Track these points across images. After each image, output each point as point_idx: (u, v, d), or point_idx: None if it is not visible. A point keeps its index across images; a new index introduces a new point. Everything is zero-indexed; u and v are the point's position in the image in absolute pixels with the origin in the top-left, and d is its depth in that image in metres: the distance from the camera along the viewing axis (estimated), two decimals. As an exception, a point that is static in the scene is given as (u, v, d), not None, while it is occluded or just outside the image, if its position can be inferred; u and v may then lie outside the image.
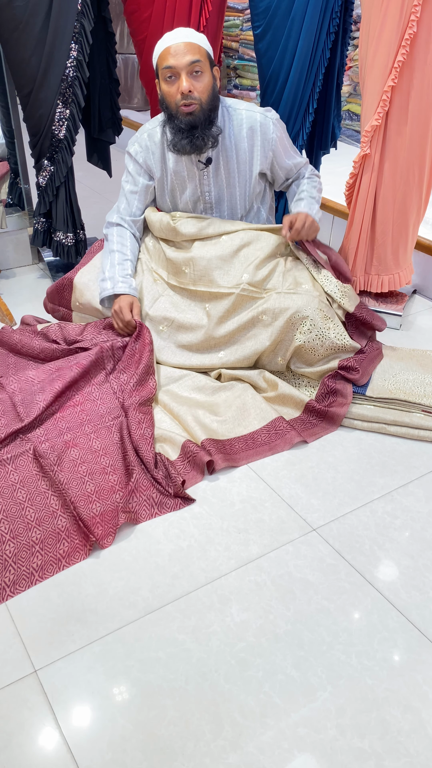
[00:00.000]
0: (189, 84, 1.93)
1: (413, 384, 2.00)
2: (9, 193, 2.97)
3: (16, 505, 1.59)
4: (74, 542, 1.55)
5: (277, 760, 1.16)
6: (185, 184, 2.16)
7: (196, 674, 1.29)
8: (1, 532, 1.53)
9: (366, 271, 2.51)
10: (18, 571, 1.48)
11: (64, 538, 1.55)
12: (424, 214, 2.46)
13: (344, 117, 4.16)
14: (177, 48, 1.92)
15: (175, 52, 1.92)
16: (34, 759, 1.16)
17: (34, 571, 1.49)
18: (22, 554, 1.50)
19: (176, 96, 1.95)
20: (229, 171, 2.13)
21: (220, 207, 2.20)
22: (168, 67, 1.93)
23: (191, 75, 1.93)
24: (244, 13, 4.40)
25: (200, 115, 1.97)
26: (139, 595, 1.45)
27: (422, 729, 1.21)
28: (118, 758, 1.16)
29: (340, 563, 1.54)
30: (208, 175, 2.13)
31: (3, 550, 1.50)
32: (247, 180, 2.16)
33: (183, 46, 1.92)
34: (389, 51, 2.09)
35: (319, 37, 2.29)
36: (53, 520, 1.58)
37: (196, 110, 1.96)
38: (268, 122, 2.10)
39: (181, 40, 1.93)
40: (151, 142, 2.13)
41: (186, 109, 1.96)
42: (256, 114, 2.10)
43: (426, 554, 1.57)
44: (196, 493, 1.72)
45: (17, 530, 1.54)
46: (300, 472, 1.81)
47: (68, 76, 2.34)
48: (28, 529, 1.55)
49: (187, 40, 1.93)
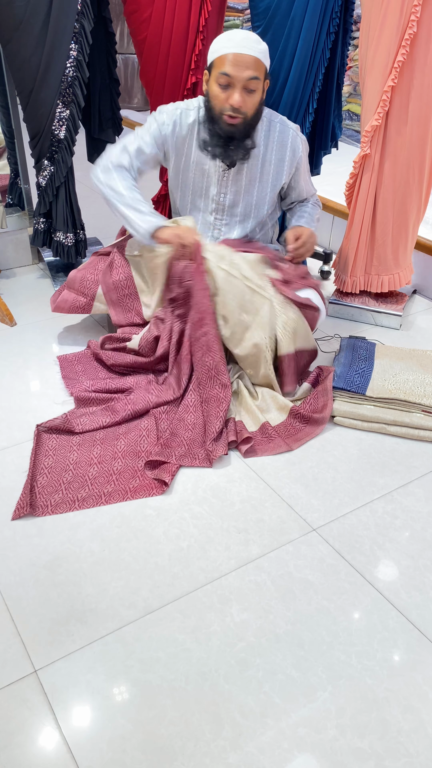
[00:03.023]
0: (241, 100, 1.91)
1: (413, 384, 2.00)
2: (9, 193, 2.97)
3: (115, 438, 1.84)
4: (144, 482, 1.73)
5: (277, 760, 1.16)
6: (203, 178, 2.15)
7: (196, 674, 1.29)
8: (93, 455, 1.78)
9: (366, 271, 2.51)
10: (91, 491, 1.69)
11: (138, 476, 1.74)
12: (424, 214, 2.46)
13: (344, 117, 4.16)
14: (241, 59, 1.88)
15: (238, 62, 1.88)
16: (34, 759, 1.16)
17: (104, 494, 1.69)
18: (100, 479, 1.73)
19: (224, 104, 1.94)
20: (250, 178, 2.14)
21: (232, 211, 2.19)
22: (225, 74, 1.89)
23: (245, 90, 1.91)
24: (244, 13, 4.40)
25: (241, 128, 1.97)
26: (139, 595, 1.45)
27: (422, 729, 1.21)
28: (118, 758, 1.16)
29: (340, 563, 1.54)
30: (228, 177, 2.13)
31: (87, 471, 1.74)
32: (266, 190, 2.17)
33: (248, 59, 1.88)
34: (389, 51, 2.09)
35: (319, 37, 2.28)
36: (136, 459, 1.79)
37: (238, 124, 1.96)
38: (299, 140, 2.14)
39: (247, 51, 1.88)
40: (182, 121, 2.09)
41: (230, 120, 1.95)
42: (290, 129, 2.12)
43: (426, 554, 1.57)
44: (196, 493, 1.72)
45: (105, 457, 1.78)
46: (300, 472, 1.81)
47: (68, 76, 2.34)
48: (114, 458, 1.78)
49: (253, 54, 1.89)
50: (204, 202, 2.19)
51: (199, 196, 2.19)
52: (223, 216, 2.20)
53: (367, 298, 2.58)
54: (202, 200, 2.19)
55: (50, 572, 1.49)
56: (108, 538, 1.58)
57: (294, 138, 2.13)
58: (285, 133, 2.12)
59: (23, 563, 1.51)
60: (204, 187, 2.16)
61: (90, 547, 1.56)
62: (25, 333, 2.44)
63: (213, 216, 2.21)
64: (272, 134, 2.11)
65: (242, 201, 2.17)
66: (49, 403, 2.05)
